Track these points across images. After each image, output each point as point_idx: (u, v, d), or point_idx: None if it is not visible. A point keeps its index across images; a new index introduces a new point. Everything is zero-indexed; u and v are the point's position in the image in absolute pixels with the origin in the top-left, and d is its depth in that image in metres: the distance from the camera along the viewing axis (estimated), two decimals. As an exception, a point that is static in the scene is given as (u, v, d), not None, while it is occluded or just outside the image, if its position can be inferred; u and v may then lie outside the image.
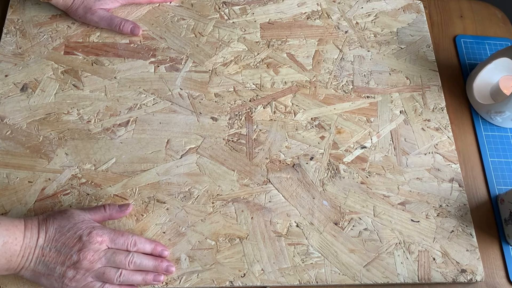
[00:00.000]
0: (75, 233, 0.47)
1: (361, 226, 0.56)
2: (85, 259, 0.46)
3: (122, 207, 0.53)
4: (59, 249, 0.46)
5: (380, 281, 0.53)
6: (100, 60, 0.64)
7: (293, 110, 0.63)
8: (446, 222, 0.57)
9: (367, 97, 0.65)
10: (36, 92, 0.61)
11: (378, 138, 0.62)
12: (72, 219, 0.48)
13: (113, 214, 0.52)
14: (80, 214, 0.49)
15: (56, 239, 0.47)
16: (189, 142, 0.60)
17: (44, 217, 0.48)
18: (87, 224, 0.48)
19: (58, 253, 0.46)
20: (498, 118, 0.64)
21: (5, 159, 0.56)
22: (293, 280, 0.53)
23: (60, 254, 0.46)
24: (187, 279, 0.52)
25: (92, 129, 0.59)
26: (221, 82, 0.64)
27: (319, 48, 0.68)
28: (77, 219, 0.49)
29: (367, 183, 0.59)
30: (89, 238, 0.47)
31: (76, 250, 0.46)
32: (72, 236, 0.47)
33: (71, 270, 0.46)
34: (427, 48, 0.70)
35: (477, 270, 0.55)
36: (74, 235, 0.47)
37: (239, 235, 0.55)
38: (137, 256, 0.49)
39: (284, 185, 0.58)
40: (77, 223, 0.48)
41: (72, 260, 0.46)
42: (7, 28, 0.65)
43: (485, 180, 0.61)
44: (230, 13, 0.70)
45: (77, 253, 0.46)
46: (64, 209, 0.50)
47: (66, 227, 0.47)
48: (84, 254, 0.46)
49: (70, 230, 0.47)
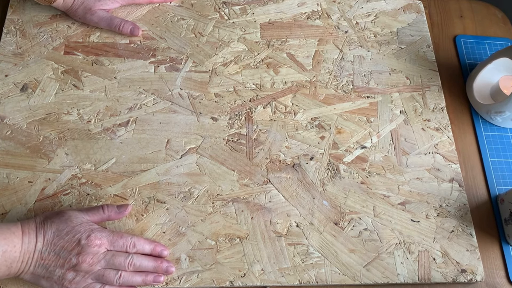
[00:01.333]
0: (73, 236, 0.47)
1: (361, 226, 0.56)
2: (84, 262, 0.46)
3: (120, 208, 0.52)
4: (58, 252, 0.46)
5: (380, 281, 0.53)
6: (100, 60, 0.64)
7: (293, 110, 0.63)
8: (446, 222, 0.57)
9: (367, 97, 0.65)
10: (36, 92, 0.61)
11: (378, 138, 0.62)
12: (70, 222, 0.48)
13: (112, 215, 0.52)
14: (78, 216, 0.49)
15: (54, 242, 0.47)
16: (189, 142, 0.60)
17: (41, 220, 0.48)
18: (85, 226, 0.48)
19: (57, 256, 0.46)
20: (498, 118, 0.64)
21: (5, 159, 0.56)
22: (293, 280, 0.53)
23: (59, 257, 0.46)
24: (187, 279, 0.52)
25: (92, 129, 0.59)
26: (221, 82, 0.64)
27: (319, 48, 0.68)
28: (75, 221, 0.48)
29: (367, 183, 0.59)
30: (88, 242, 0.47)
31: (75, 254, 0.46)
32: (70, 239, 0.47)
33: (71, 272, 0.46)
34: (427, 48, 0.70)
35: (477, 270, 0.55)
36: (73, 238, 0.47)
37: (239, 235, 0.55)
38: (136, 257, 0.49)
39: (284, 185, 0.58)
40: (75, 226, 0.48)
41: (71, 263, 0.46)
42: (7, 28, 0.65)
43: (485, 180, 0.61)
44: (230, 13, 0.70)
45: (76, 257, 0.46)
46: (62, 211, 0.49)
47: (64, 230, 0.47)
48: (83, 258, 0.46)
49: (69, 234, 0.47)
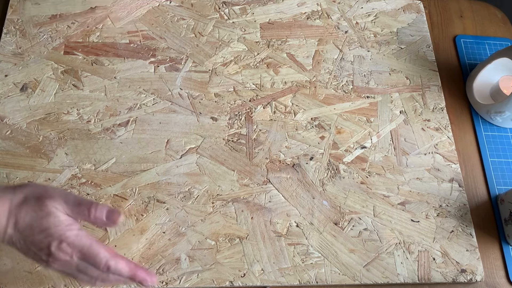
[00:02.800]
0: (45, 238, 0.42)
1: (361, 226, 0.56)
2: (55, 264, 0.42)
3: (110, 216, 0.44)
4: (29, 245, 0.42)
5: (380, 281, 0.53)
6: (100, 60, 0.64)
7: (293, 110, 0.63)
8: (446, 222, 0.57)
9: (367, 97, 0.65)
10: (36, 92, 0.61)
11: (378, 138, 0.62)
12: (46, 221, 0.42)
13: (98, 221, 0.44)
14: (57, 215, 0.43)
15: (25, 235, 0.42)
16: (189, 142, 0.60)
17: (18, 203, 0.42)
18: (60, 231, 0.42)
19: (28, 248, 0.42)
20: (498, 118, 0.64)
21: (5, 159, 0.56)
22: (293, 280, 0.53)
23: (29, 250, 0.42)
24: (187, 279, 0.52)
25: (92, 129, 0.59)
26: (221, 82, 0.64)
27: (319, 48, 0.68)
28: (52, 222, 0.42)
29: (367, 183, 0.59)
30: (58, 249, 0.42)
31: (45, 254, 0.42)
32: (42, 241, 0.42)
33: (45, 257, 0.42)
34: (427, 48, 0.70)
35: (477, 270, 0.55)
36: (44, 240, 0.41)
37: (239, 235, 0.55)
38: (112, 275, 0.44)
39: (284, 185, 0.58)
40: (50, 228, 0.42)
41: (43, 258, 0.42)
42: (7, 28, 0.65)
43: (485, 180, 0.61)
44: (230, 13, 0.70)
45: (46, 256, 0.42)
46: (43, 200, 0.42)
47: (38, 228, 0.42)
48: (54, 261, 0.42)
49: (41, 234, 0.42)
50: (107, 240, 0.53)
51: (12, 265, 0.51)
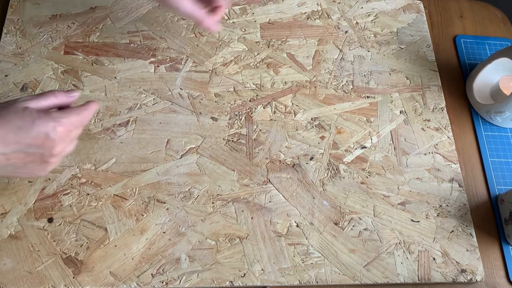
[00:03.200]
0: (38, 130, 0.42)
1: (361, 226, 0.56)
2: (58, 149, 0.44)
3: (68, 92, 0.47)
4: (25, 150, 0.43)
5: (380, 281, 0.53)
6: (100, 60, 0.64)
7: (293, 110, 0.63)
8: (446, 222, 0.57)
9: (367, 97, 0.65)
10: (36, 92, 0.61)
11: (378, 138, 0.62)
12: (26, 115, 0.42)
13: (63, 99, 0.47)
14: (32, 111, 0.43)
15: (18, 141, 0.42)
16: (189, 142, 0.60)
17: None
18: (45, 119, 0.43)
19: (26, 154, 0.43)
20: (498, 118, 0.64)
21: (5, 159, 0.56)
22: (293, 280, 0.53)
23: (28, 154, 0.43)
24: (187, 279, 0.52)
25: (92, 129, 0.59)
26: (221, 82, 0.64)
27: (319, 48, 0.68)
28: (30, 115, 0.43)
29: (367, 183, 0.59)
30: (56, 133, 0.43)
31: (47, 147, 0.43)
32: (37, 135, 0.42)
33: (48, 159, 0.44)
34: (427, 48, 0.70)
35: (477, 270, 0.55)
36: (39, 133, 0.42)
37: (239, 235, 0.55)
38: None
39: (284, 185, 0.58)
40: (35, 121, 0.42)
41: (44, 156, 0.43)
42: (7, 28, 0.65)
43: (485, 180, 0.61)
44: (230, 13, 0.70)
45: (48, 149, 0.43)
46: (6, 102, 0.44)
47: (24, 127, 0.42)
48: (57, 148, 0.44)
49: (32, 130, 0.42)
50: (107, 240, 0.53)
51: (12, 265, 0.51)
